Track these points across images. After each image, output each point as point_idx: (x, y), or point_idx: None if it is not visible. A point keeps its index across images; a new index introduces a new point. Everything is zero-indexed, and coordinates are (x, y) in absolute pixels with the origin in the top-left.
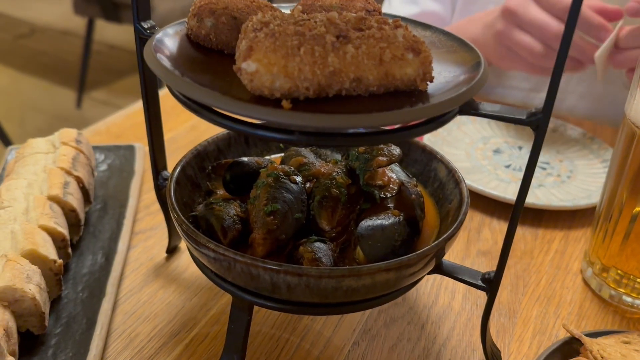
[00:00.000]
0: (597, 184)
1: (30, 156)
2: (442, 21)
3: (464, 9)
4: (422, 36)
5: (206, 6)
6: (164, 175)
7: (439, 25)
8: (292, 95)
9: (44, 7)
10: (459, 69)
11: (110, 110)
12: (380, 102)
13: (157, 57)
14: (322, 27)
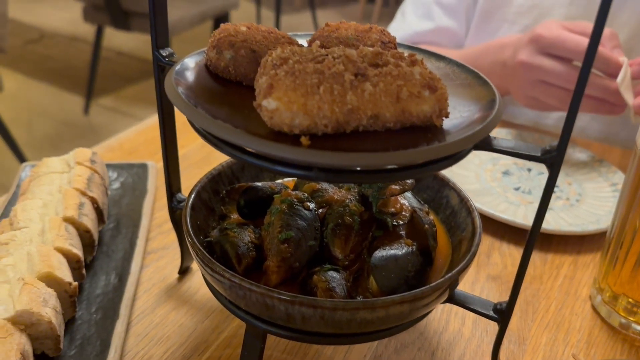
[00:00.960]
0: (606, 208)
1: (46, 176)
2: (456, 37)
3: (479, 27)
4: (436, 67)
5: (225, 39)
6: (178, 198)
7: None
8: (310, 131)
9: (54, 13)
10: (474, 105)
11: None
12: (396, 138)
13: (179, 91)
14: (340, 64)
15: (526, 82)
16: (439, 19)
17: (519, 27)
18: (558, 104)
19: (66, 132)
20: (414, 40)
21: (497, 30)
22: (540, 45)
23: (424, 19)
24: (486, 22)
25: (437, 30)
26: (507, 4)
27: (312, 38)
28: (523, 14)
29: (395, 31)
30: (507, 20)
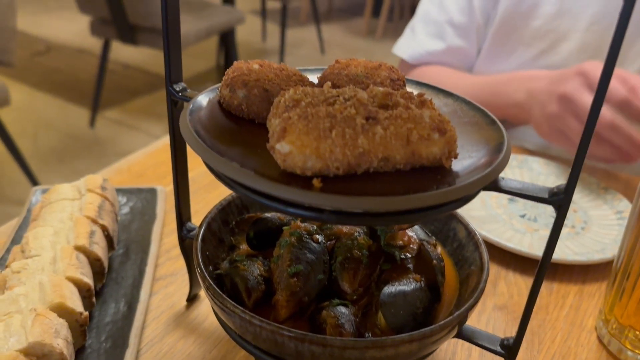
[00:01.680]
0: (611, 236)
1: (57, 203)
2: (467, 57)
3: (493, 49)
4: (444, 104)
5: (239, 77)
6: (188, 227)
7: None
8: (322, 173)
9: (61, 25)
10: (482, 145)
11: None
12: (406, 180)
13: (194, 132)
14: (352, 108)
15: (559, 114)
16: (450, 39)
17: (535, 50)
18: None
19: (72, 144)
20: (425, 60)
21: (512, 53)
22: (586, 82)
23: (436, 39)
24: (501, 44)
25: (449, 50)
26: (523, 27)
27: (322, 75)
28: (539, 38)
29: (405, 48)
30: (522, 43)
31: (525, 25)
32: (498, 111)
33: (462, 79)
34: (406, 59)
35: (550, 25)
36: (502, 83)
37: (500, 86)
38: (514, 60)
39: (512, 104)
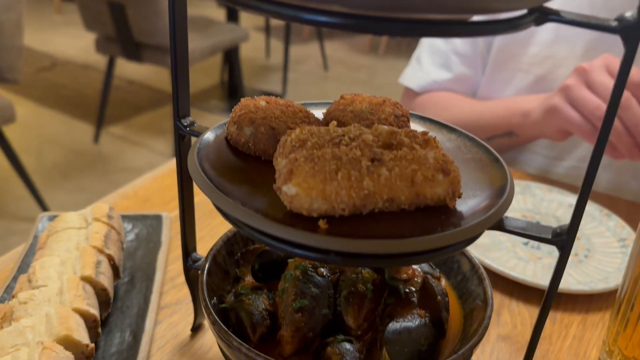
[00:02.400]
0: (614, 264)
1: (63, 232)
2: (473, 85)
3: (492, 75)
4: (448, 139)
5: (246, 115)
6: (194, 258)
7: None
8: (328, 214)
9: (66, 41)
10: (486, 183)
11: (127, 146)
12: (411, 221)
13: (201, 171)
14: (357, 149)
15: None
16: (456, 68)
17: (533, 76)
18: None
19: (76, 160)
20: (432, 89)
21: (510, 79)
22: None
23: (442, 68)
24: (500, 70)
25: (455, 79)
26: (521, 53)
27: (327, 111)
28: (537, 64)
29: (412, 79)
30: (520, 69)
31: (522, 52)
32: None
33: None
34: (413, 88)
35: (547, 52)
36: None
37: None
38: (513, 86)
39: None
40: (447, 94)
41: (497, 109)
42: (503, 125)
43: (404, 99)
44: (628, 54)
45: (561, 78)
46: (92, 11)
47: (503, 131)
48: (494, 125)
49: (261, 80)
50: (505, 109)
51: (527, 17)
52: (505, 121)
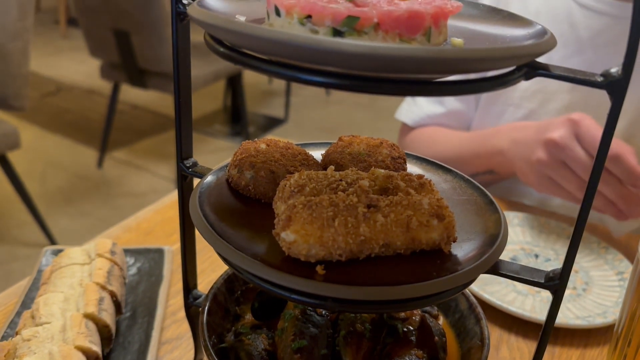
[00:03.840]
0: (613, 298)
1: (67, 267)
2: (466, 120)
3: (484, 110)
4: (444, 180)
5: (246, 159)
6: (195, 295)
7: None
8: (325, 259)
9: (71, 66)
10: (481, 227)
11: (130, 171)
12: (407, 266)
13: (202, 217)
14: (354, 196)
15: (547, 161)
16: (449, 103)
17: (524, 110)
18: (573, 189)
19: (79, 185)
20: (426, 123)
21: (502, 114)
22: (575, 130)
23: (436, 103)
24: (492, 105)
25: (448, 114)
26: (512, 89)
27: (326, 153)
28: (528, 98)
29: (407, 114)
30: (512, 104)
31: (514, 87)
32: (484, 161)
33: (455, 135)
34: (408, 123)
35: (537, 86)
36: (490, 134)
37: (487, 137)
38: (505, 120)
39: (496, 152)
40: (434, 128)
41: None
42: (482, 164)
43: (401, 133)
44: (614, 107)
45: (551, 112)
46: (97, 38)
47: (483, 169)
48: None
49: (264, 105)
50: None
51: (517, 72)
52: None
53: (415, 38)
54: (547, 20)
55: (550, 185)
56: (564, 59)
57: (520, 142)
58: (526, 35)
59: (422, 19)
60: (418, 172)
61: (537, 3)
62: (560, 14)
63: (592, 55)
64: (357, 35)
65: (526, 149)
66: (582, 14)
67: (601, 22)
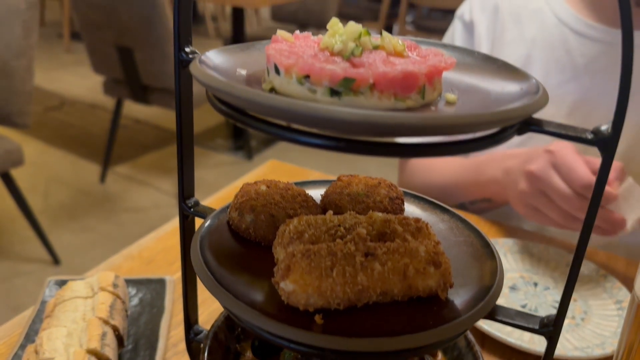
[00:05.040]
0: (611, 328)
1: (70, 301)
2: None
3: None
4: (441, 219)
5: (247, 203)
6: (196, 330)
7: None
8: (324, 308)
9: (75, 80)
10: (477, 271)
11: (133, 186)
12: (404, 314)
13: (203, 264)
14: (351, 244)
15: (529, 192)
16: None
17: (519, 139)
18: (556, 217)
19: (82, 200)
20: None
21: None
22: (552, 161)
23: None
24: None
25: None
26: None
27: (325, 194)
28: None
29: None
30: None
31: None
32: (481, 189)
33: (453, 162)
34: None
35: None
36: (484, 163)
37: (482, 166)
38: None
39: (492, 181)
40: None
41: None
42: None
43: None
44: (605, 162)
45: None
46: (100, 54)
47: (481, 196)
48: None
49: None
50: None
51: (509, 129)
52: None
53: (410, 96)
54: (543, 47)
55: (535, 214)
56: (560, 85)
57: (510, 172)
58: (519, 92)
59: (416, 79)
60: (416, 211)
61: (533, 31)
62: (555, 40)
63: (588, 81)
64: (354, 95)
65: (513, 180)
66: (577, 40)
67: (596, 48)
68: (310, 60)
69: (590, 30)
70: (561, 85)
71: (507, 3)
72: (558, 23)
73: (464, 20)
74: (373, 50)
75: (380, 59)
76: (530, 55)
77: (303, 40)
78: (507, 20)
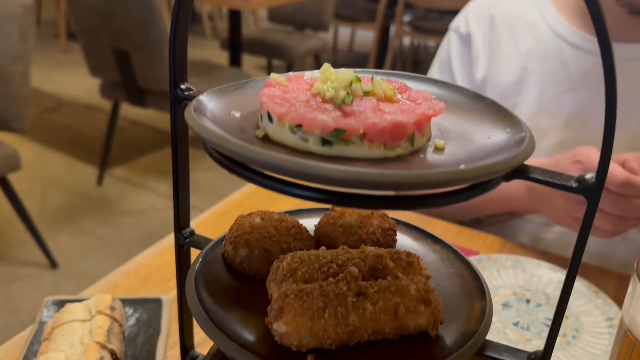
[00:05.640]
0: (602, 346)
1: (68, 324)
2: None
3: None
4: (433, 249)
5: (241, 237)
6: (192, 355)
7: None
8: (316, 348)
9: (72, 82)
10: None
11: (130, 189)
12: (395, 352)
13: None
14: (343, 284)
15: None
16: None
17: None
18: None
19: (79, 203)
20: None
21: None
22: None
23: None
24: None
25: None
26: None
27: (319, 225)
28: None
29: None
30: None
31: None
32: (499, 205)
33: None
34: None
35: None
36: None
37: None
38: None
39: (513, 197)
40: None
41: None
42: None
43: None
44: (589, 210)
45: (545, 148)
46: (97, 58)
47: (501, 211)
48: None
49: None
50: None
51: (496, 179)
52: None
53: (400, 144)
54: (539, 59)
55: None
56: (556, 96)
57: (535, 188)
58: (506, 138)
59: (405, 128)
60: (408, 242)
61: (528, 43)
62: (551, 52)
63: (584, 92)
64: (345, 144)
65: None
66: (572, 53)
67: (591, 61)
68: (302, 110)
69: (585, 42)
70: (557, 97)
71: (502, 15)
72: (553, 35)
73: (459, 33)
74: (364, 96)
75: (370, 107)
76: (526, 67)
77: (296, 83)
78: (502, 32)
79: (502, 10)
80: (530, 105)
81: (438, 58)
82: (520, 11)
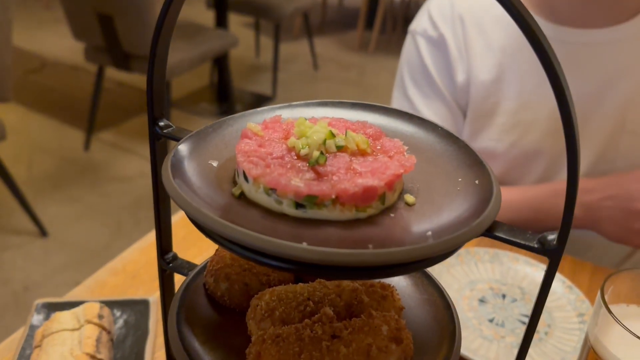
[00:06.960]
0: (572, 343)
1: (58, 334)
2: None
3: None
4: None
5: (222, 270)
6: None
7: None
8: None
9: (55, 41)
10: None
11: (118, 154)
12: None
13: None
14: (319, 326)
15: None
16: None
17: (505, 144)
18: None
19: (67, 169)
20: None
21: (486, 147)
22: None
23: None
24: (473, 142)
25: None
26: (489, 125)
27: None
28: (507, 132)
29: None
30: (492, 139)
31: (490, 123)
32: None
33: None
34: None
35: (513, 120)
36: (544, 201)
37: (542, 205)
38: (490, 152)
39: None
40: None
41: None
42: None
43: None
44: (549, 270)
45: (533, 141)
46: (80, 22)
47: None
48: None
49: (251, 81)
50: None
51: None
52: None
53: (371, 205)
54: (513, 54)
55: None
56: (536, 89)
57: (592, 208)
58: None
59: (376, 191)
60: None
61: (500, 39)
62: (523, 46)
63: None
64: (318, 208)
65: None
66: None
67: (565, 49)
68: (277, 172)
69: (556, 33)
70: (537, 90)
71: (468, 13)
72: None
73: (428, 37)
74: (337, 153)
75: (343, 166)
76: (502, 63)
77: (272, 131)
78: (472, 31)
79: (468, 8)
80: (512, 101)
81: (407, 65)
82: (486, 6)
